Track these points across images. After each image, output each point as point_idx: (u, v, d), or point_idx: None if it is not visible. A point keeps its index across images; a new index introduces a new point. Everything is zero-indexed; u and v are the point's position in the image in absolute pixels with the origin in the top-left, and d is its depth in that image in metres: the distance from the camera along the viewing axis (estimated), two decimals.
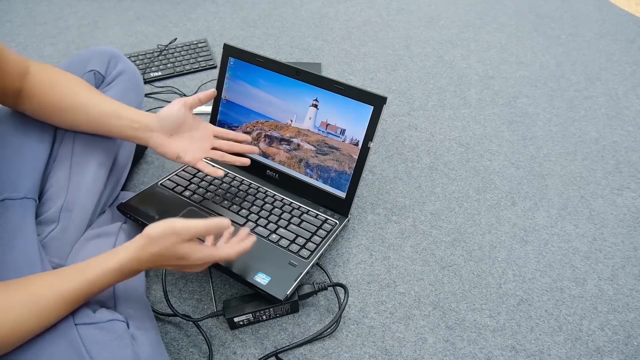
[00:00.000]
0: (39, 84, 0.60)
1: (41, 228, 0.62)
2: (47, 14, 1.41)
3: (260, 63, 0.75)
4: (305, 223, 0.73)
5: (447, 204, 0.86)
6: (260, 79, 0.76)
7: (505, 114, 1.07)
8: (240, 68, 0.77)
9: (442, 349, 0.65)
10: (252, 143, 0.79)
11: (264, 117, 0.78)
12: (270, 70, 0.75)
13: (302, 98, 0.74)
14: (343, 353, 0.65)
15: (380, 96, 0.68)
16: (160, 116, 0.65)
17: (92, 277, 0.48)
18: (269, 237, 0.69)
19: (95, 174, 0.68)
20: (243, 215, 0.72)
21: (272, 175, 0.79)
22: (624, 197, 0.88)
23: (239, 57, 0.77)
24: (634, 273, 0.76)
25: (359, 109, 0.70)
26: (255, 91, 0.77)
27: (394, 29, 1.36)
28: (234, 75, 0.78)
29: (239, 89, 0.78)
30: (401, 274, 0.75)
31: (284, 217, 0.73)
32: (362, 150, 0.71)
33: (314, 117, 0.74)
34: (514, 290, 0.73)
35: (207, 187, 0.77)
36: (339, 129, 0.72)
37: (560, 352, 0.65)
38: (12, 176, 0.59)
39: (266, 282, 0.62)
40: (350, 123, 0.71)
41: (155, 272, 0.74)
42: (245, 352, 0.64)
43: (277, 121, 0.77)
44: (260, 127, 0.78)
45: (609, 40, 1.32)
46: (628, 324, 0.69)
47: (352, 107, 0.71)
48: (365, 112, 0.70)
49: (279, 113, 0.76)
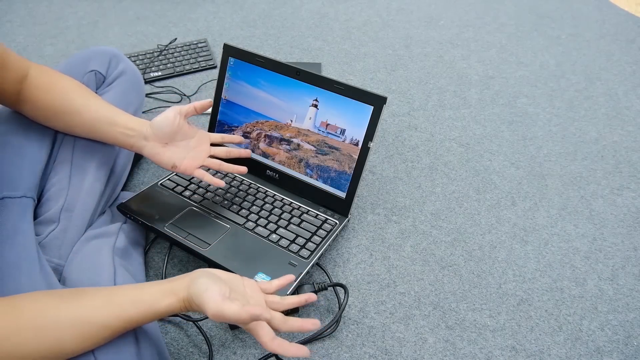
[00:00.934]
0: (36, 88, 0.60)
1: (42, 228, 0.62)
2: (47, 14, 1.41)
3: (261, 63, 0.75)
4: (305, 223, 0.73)
5: (447, 204, 0.86)
6: (260, 79, 0.76)
7: (505, 114, 1.07)
8: (240, 68, 0.77)
9: (442, 349, 0.65)
10: (252, 143, 0.80)
11: (264, 117, 0.78)
12: (270, 70, 0.75)
13: (302, 98, 0.74)
14: (343, 353, 0.65)
15: (380, 96, 0.68)
16: (154, 125, 0.64)
17: (148, 312, 0.45)
18: (269, 237, 0.69)
19: (95, 175, 0.68)
20: (243, 215, 0.72)
21: (272, 175, 0.79)
22: (624, 197, 0.88)
23: (239, 57, 0.77)
24: (634, 273, 0.76)
25: (359, 109, 0.70)
26: (256, 91, 0.77)
27: (394, 29, 1.36)
28: (234, 75, 0.78)
29: (239, 89, 0.78)
30: (401, 274, 0.75)
31: (284, 217, 0.73)
32: (362, 151, 0.71)
33: (314, 117, 0.74)
34: (514, 290, 0.73)
35: (207, 187, 0.77)
36: (339, 129, 0.72)
37: (560, 352, 0.65)
38: (11, 175, 0.59)
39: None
40: (351, 123, 0.71)
41: (155, 272, 0.74)
42: (245, 352, 0.64)
43: (277, 121, 0.77)
44: (260, 127, 0.78)
45: (609, 40, 1.32)
46: (628, 324, 0.69)
47: (352, 107, 0.71)
48: (366, 112, 0.70)
49: (279, 113, 0.76)
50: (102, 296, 0.45)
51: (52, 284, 0.53)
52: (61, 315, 0.42)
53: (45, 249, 0.60)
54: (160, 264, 0.75)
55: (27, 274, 0.52)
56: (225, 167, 0.70)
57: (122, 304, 0.45)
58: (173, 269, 0.74)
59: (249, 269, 0.64)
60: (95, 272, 0.60)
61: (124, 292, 0.46)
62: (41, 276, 0.53)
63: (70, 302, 0.43)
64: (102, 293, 0.46)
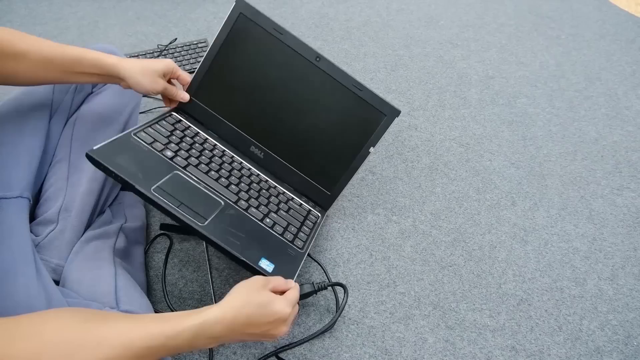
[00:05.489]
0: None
1: (40, 229, 0.62)
2: (47, 14, 1.41)
3: (279, 35, 0.70)
4: (292, 211, 0.70)
5: (447, 204, 0.86)
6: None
7: (505, 114, 1.07)
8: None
9: (442, 349, 0.65)
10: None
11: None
12: (288, 46, 0.71)
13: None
14: (343, 353, 0.64)
15: (396, 109, 0.70)
16: (131, 84, 0.64)
17: (171, 332, 0.43)
18: (264, 221, 0.66)
19: (93, 174, 0.68)
20: (234, 192, 0.67)
21: (257, 153, 0.74)
22: (624, 197, 0.88)
23: (252, 19, 0.70)
24: (634, 273, 0.76)
25: (370, 114, 0.71)
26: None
27: (394, 29, 1.36)
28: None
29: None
30: (401, 274, 0.75)
31: (272, 202, 0.70)
32: (362, 152, 0.71)
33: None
34: (514, 290, 0.73)
35: (188, 150, 0.69)
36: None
37: (560, 352, 0.65)
38: (6, 175, 0.59)
39: (271, 269, 0.59)
40: (356, 124, 0.72)
41: (155, 272, 0.73)
42: (245, 352, 0.64)
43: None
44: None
45: (609, 40, 1.32)
46: (628, 324, 0.69)
47: (364, 110, 0.72)
48: (377, 119, 0.71)
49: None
50: (127, 318, 0.44)
51: (48, 286, 0.53)
52: (87, 338, 0.40)
53: (44, 250, 0.60)
54: (160, 264, 0.74)
55: (23, 276, 0.51)
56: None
57: (146, 322, 0.43)
58: (173, 269, 0.74)
59: (252, 253, 0.60)
60: (96, 273, 0.59)
61: (150, 314, 0.46)
62: (37, 278, 0.52)
63: (95, 323, 0.41)
64: (126, 315, 0.45)
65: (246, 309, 0.47)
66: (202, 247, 0.77)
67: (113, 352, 0.40)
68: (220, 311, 0.46)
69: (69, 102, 0.70)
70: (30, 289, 0.51)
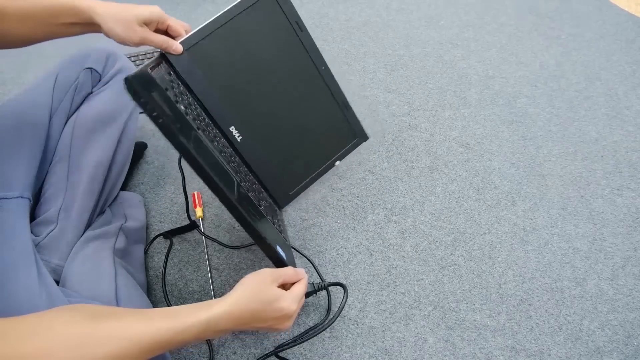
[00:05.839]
0: None
1: (41, 229, 0.62)
2: None
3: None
4: (263, 202, 0.69)
5: (447, 204, 0.86)
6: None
7: (505, 114, 1.07)
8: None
9: (442, 349, 0.65)
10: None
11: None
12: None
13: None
14: (343, 353, 0.64)
15: (366, 134, 0.77)
16: (103, 24, 0.57)
17: (179, 328, 0.43)
18: (260, 205, 0.64)
19: (93, 174, 0.68)
20: (232, 169, 0.62)
21: (235, 135, 0.69)
22: (624, 197, 0.88)
23: (280, 3, 0.67)
24: (634, 273, 0.76)
25: (345, 132, 0.78)
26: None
27: (394, 29, 1.36)
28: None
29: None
30: (401, 274, 0.75)
31: (252, 189, 0.67)
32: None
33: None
34: (514, 290, 0.73)
35: (187, 109, 0.60)
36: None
37: (560, 352, 0.65)
38: (6, 175, 0.59)
39: (285, 257, 0.59)
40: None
41: (155, 272, 0.73)
42: (245, 352, 0.64)
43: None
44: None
45: (609, 40, 1.32)
46: (628, 324, 0.69)
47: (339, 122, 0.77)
48: (349, 138, 0.79)
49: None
50: (135, 313, 0.44)
51: (49, 286, 0.53)
52: (96, 333, 0.40)
53: (44, 250, 0.60)
54: (160, 264, 0.74)
55: (24, 276, 0.51)
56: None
57: (154, 317, 0.44)
58: (173, 269, 0.74)
59: (272, 240, 0.58)
60: (96, 273, 0.59)
61: (157, 309, 0.46)
62: (38, 278, 0.53)
63: (103, 318, 0.42)
64: (134, 310, 0.45)
65: (252, 305, 0.48)
66: (202, 247, 0.77)
67: (122, 347, 0.40)
68: (228, 307, 0.46)
69: (69, 102, 0.70)
70: (32, 289, 0.51)
